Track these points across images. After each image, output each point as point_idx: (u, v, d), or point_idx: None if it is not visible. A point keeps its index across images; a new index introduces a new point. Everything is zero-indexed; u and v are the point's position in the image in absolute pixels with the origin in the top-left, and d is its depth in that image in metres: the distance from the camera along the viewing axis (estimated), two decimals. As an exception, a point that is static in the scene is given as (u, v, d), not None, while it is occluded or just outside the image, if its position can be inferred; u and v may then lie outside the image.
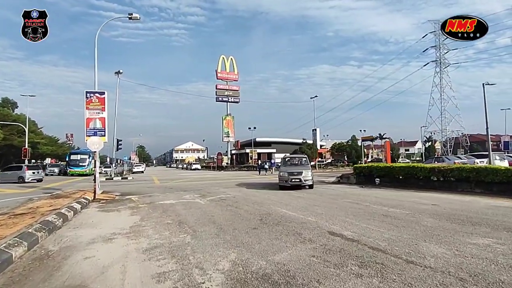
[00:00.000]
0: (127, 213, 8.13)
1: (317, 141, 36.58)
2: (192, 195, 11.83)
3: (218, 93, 50.08)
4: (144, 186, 17.10)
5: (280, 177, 13.00)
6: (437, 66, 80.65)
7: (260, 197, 10.68)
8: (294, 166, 13.71)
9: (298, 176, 12.49)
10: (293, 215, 7.01)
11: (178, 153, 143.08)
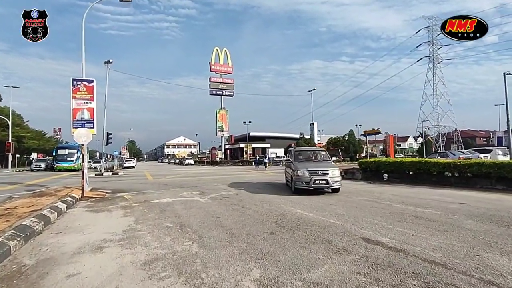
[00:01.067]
0: (120, 214, 7.18)
1: (315, 135, 35.92)
2: (190, 192, 10.92)
3: (211, 86, 48.78)
4: (136, 182, 16.08)
5: (297, 177, 9.31)
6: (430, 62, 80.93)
7: (266, 193, 9.84)
8: (313, 163, 10.16)
9: (324, 176, 9.09)
10: (311, 216, 6.19)
11: (170, 148, 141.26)
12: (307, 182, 9.12)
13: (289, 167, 11.06)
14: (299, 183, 9.31)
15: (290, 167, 10.67)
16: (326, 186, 9.18)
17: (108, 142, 23.82)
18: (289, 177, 10.65)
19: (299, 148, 13.00)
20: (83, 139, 9.89)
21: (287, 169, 11.58)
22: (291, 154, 11.96)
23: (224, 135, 50.61)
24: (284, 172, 12.55)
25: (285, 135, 63.09)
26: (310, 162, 10.35)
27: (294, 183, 9.47)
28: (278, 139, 61.51)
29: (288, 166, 11.48)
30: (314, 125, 36.16)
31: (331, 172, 9.21)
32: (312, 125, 36.35)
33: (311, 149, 13.68)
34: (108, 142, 23.74)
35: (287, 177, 11.43)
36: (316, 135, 36.56)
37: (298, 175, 9.33)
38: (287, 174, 11.63)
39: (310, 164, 9.95)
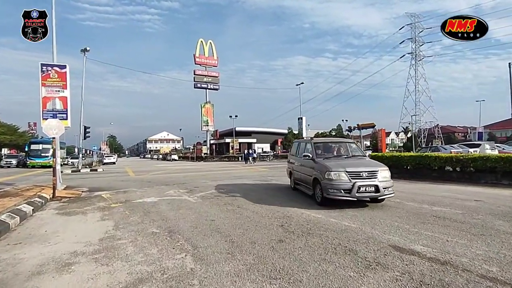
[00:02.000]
0: (96, 217, 6.19)
1: (303, 130, 35.40)
2: (176, 190, 9.96)
3: (196, 79, 47.23)
4: (117, 180, 14.89)
5: (329, 181, 6.23)
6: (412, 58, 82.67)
7: (262, 192, 9.05)
8: (347, 160, 7.13)
9: (372, 180, 6.14)
10: (321, 218, 5.44)
11: (152, 143, 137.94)
12: (347, 190, 6.01)
13: (304, 166, 7.74)
14: (334, 191, 6.09)
15: (306, 166, 7.54)
16: (376, 195, 6.12)
17: (86, 136, 22.25)
18: (304, 179, 7.68)
19: (320, 139, 8.81)
20: (54, 131, 8.71)
21: (299, 168, 8.20)
22: (301, 147, 8.57)
23: (210, 130, 49.34)
24: (287, 171, 9.78)
25: (271, 130, 62.43)
26: (342, 159, 7.21)
27: (325, 191, 6.24)
28: (264, 134, 60.77)
29: (303, 165, 7.87)
30: (302, 120, 35.62)
31: (381, 174, 6.21)
32: (301, 119, 35.80)
33: (338, 140, 9.46)
34: (85, 136, 22.16)
35: (299, 178, 8.24)
36: (305, 129, 36.09)
37: (332, 179, 6.15)
38: (298, 175, 8.39)
39: (345, 162, 6.80)
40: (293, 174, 9.00)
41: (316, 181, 6.70)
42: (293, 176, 9.07)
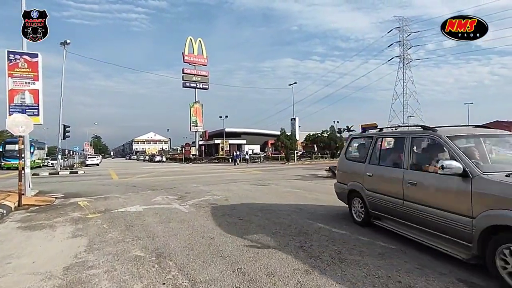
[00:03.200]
0: (67, 233, 5.03)
1: (296, 131, 34.59)
2: (165, 196, 8.82)
3: (185, 78, 45.77)
4: (98, 183, 13.55)
5: None
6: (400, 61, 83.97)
7: (263, 198, 8.03)
8: None
9: None
10: (347, 234, 4.48)
11: (139, 144, 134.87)
12: None
13: (425, 188, 3.69)
14: None
15: (439, 189, 3.50)
16: None
17: (65, 136, 20.65)
18: (429, 216, 3.56)
19: (458, 132, 3.93)
20: (20, 128, 7.42)
21: (396, 189, 4.11)
22: (395, 147, 4.70)
23: (199, 130, 47.92)
24: (339, 188, 5.89)
25: (261, 131, 61.55)
26: None
27: None
28: (254, 135, 59.85)
29: (422, 186, 3.73)
30: (295, 120, 34.73)
31: None
32: (294, 120, 34.93)
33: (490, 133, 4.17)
34: (65, 136, 20.56)
35: (401, 211, 4.05)
36: (298, 130, 35.32)
37: None
38: (393, 204, 4.22)
39: None
40: (368, 199, 4.77)
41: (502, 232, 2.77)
42: (368, 202, 4.79)
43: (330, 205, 6.82)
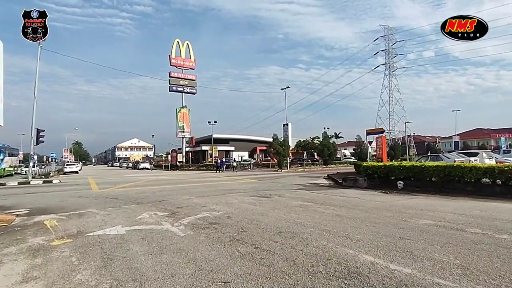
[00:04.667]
0: (16, 273, 3.55)
1: (289, 137, 33.35)
2: (153, 213, 7.35)
3: (171, 81, 43.95)
4: (74, 195, 11.83)
5: None
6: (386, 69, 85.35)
7: (271, 213, 6.69)
8: None
9: None
10: (385, 266, 3.21)
11: (122, 151, 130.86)
12: None
13: None
14: None
15: None
16: None
17: (39, 141, 18.62)
18: None
19: None
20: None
21: None
22: None
23: (186, 136, 46.06)
24: None
25: (250, 138, 60.26)
26: None
27: None
28: (242, 141, 58.47)
29: None
30: (288, 126, 33.48)
31: None
32: (286, 125, 33.68)
33: None
34: (38, 141, 18.54)
35: None
36: (291, 137, 34.12)
37: None
38: None
39: None
40: None
41: None
42: None
43: (364, 226, 5.57)
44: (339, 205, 7.79)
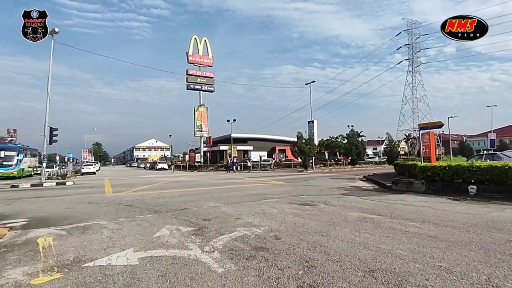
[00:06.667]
0: None
1: (315, 135, 31.20)
2: (174, 227, 5.72)
3: (189, 79, 42.77)
4: (83, 201, 10.47)
5: None
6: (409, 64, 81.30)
7: (332, 232, 4.89)
8: None
9: None
10: None
11: (140, 151, 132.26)
12: None
13: None
14: None
15: None
16: None
17: (52, 140, 17.62)
18: None
19: None
20: None
21: None
22: None
23: (204, 136, 44.83)
24: None
25: (268, 137, 58.47)
26: None
27: None
28: (261, 141, 56.75)
29: None
30: (313, 123, 31.25)
31: None
32: (312, 123, 31.46)
33: None
34: (51, 140, 17.54)
35: None
36: (316, 135, 31.94)
37: None
38: None
39: None
40: None
41: None
42: None
43: (493, 259, 3.70)
44: (417, 219, 5.90)
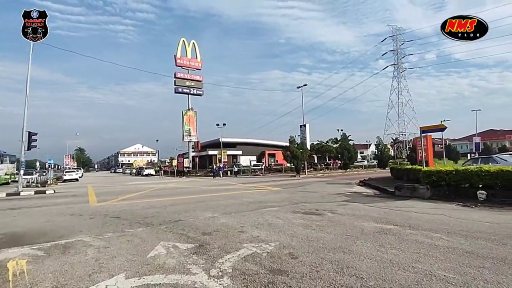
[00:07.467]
0: None
1: (307, 139, 30.69)
2: (171, 244, 4.98)
3: (177, 82, 41.73)
4: (64, 212, 9.50)
5: None
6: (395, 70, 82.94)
7: (354, 247, 4.28)
8: None
9: None
10: None
11: (125, 157, 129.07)
12: None
13: None
14: None
15: None
16: None
17: (31, 146, 16.38)
18: None
19: None
20: None
21: None
22: None
23: (192, 140, 43.74)
24: None
25: (257, 141, 57.89)
26: None
27: None
28: (250, 145, 56.10)
29: None
30: (306, 127, 30.77)
31: None
32: (304, 126, 30.97)
33: None
34: (30, 146, 16.29)
35: None
36: (309, 139, 31.49)
37: None
38: None
39: None
40: None
41: None
42: None
43: None
44: (439, 230, 5.38)
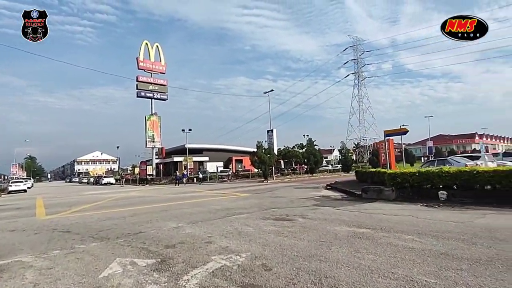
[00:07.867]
0: None
1: (275, 144, 30.78)
2: (128, 262, 4.40)
3: (139, 86, 39.84)
4: (4, 227, 8.31)
5: None
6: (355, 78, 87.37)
7: (329, 255, 4.06)
8: None
9: None
10: None
11: (82, 165, 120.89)
12: None
13: None
14: None
15: None
16: None
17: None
18: None
19: None
20: None
21: None
22: None
23: (156, 146, 41.92)
24: None
25: (224, 147, 57.16)
26: None
27: None
28: (217, 151, 55.21)
29: None
30: (273, 132, 30.91)
31: None
32: (271, 132, 31.08)
33: None
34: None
35: None
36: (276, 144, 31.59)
37: None
38: None
39: None
40: None
41: None
42: None
43: None
44: (410, 232, 5.37)
